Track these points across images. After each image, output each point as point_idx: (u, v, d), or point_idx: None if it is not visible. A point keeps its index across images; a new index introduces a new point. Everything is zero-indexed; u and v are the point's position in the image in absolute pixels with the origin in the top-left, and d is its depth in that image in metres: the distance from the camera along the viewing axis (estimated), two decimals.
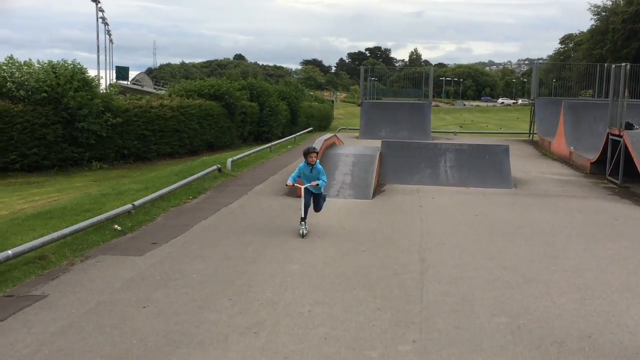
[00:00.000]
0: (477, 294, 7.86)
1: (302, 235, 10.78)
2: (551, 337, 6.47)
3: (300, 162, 11.51)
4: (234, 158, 20.78)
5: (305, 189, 11.10)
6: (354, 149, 20.66)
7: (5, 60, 27.40)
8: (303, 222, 10.95)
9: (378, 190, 16.30)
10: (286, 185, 11.65)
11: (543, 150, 28.77)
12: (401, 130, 31.71)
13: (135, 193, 15.16)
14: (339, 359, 5.87)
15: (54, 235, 9.76)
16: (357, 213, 13.40)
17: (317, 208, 11.61)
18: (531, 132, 35.70)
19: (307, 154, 11.21)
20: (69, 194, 19.48)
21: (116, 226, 11.34)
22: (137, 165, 28.93)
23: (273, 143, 27.87)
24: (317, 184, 11.03)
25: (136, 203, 12.72)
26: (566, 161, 23.78)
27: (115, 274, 8.60)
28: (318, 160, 11.36)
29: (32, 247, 9.09)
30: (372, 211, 13.64)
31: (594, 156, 20.51)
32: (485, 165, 17.98)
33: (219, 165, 18.95)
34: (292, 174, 11.44)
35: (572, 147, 23.73)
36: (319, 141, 18.85)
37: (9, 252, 8.60)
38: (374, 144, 21.21)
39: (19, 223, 12.09)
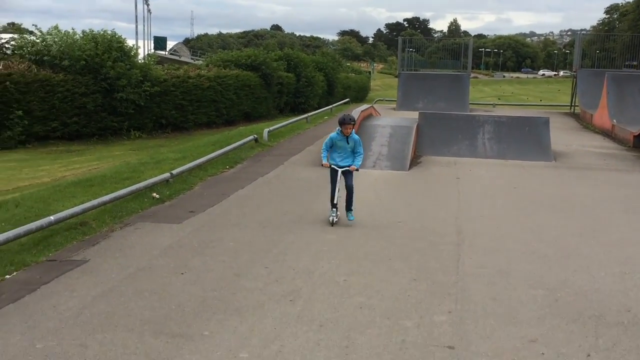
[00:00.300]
0: (514, 267, 7.81)
1: (332, 224, 9.56)
2: (589, 310, 6.41)
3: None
4: (271, 128, 20.83)
5: (335, 166, 9.74)
6: (391, 120, 20.56)
7: (51, 29, 27.76)
8: (334, 209, 9.64)
9: (415, 161, 16.21)
10: (322, 165, 9.92)
11: (584, 123, 28.25)
12: (439, 102, 31.42)
13: (173, 162, 15.33)
14: (374, 327, 5.91)
15: (95, 202, 9.94)
16: (394, 184, 13.37)
17: (349, 183, 9.77)
18: (572, 104, 35.05)
19: (343, 123, 9.60)
20: (109, 162, 19.77)
21: (154, 194, 11.49)
22: (174, 135, 29.20)
23: (309, 114, 27.84)
24: (357, 169, 9.72)
25: (174, 172, 12.87)
26: (608, 134, 23.32)
27: (154, 241, 8.74)
28: (354, 130, 9.83)
29: (73, 214, 9.28)
30: (409, 183, 13.59)
31: (637, 129, 20.07)
32: (524, 138, 17.73)
33: (255, 136, 19.03)
34: (323, 147, 9.96)
35: (614, 120, 23.24)
36: (356, 111, 18.78)
37: (52, 217, 8.79)
38: (411, 116, 21.06)
39: (61, 190, 12.33)
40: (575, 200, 11.89)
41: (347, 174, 9.76)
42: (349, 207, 9.77)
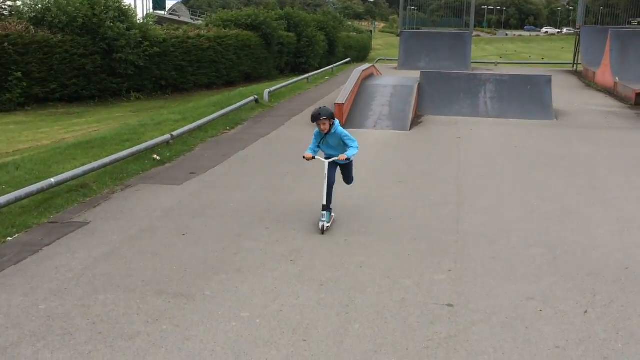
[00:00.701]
0: (513, 225, 7.84)
1: (323, 230, 7.54)
2: (587, 267, 6.45)
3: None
4: (271, 89, 20.72)
5: (330, 162, 7.86)
6: (392, 79, 20.43)
7: None
8: (325, 212, 7.61)
9: (416, 121, 16.15)
10: (304, 157, 7.87)
11: (587, 81, 28.04)
12: (441, 60, 31.15)
13: (173, 123, 15.29)
14: (374, 286, 5.96)
15: (95, 164, 9.95)
16: (394, 144, 13.35)
17: (348, 179, 8.29)
18: (575, 62, 34.73)
19: (315, 120, 7.72)
20: (109, 124, 19.72)
21: (155, 156, 11.50)
22: (174, 97, 29.05)
23: (310, 74, 27.67)
24: (347, 158, 7.74)
25: (174, 133, 12.85)
26: (611, 92, 23.15)
27: (155, 202, 8.77)
28: (337, 123, 7.84)
29: (74, 176, 9.29)
30: (410, 142, 13.57)
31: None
32: (526, 96, 17.62)
33: (256, 96, 18.94)
34: (311, 145, 8.03)
35: (617, 78, 23.05)
36: (357, 71, 18.65)
37: (52, 180, 8.81)
38: (413, 75, 20.91)
39: (61, 152, 12.33)
40: (576, 159, 11.87)
41: (344, 170, 8.09)
42: (329, 208, 7.84)
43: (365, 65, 22.14)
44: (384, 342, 4.89)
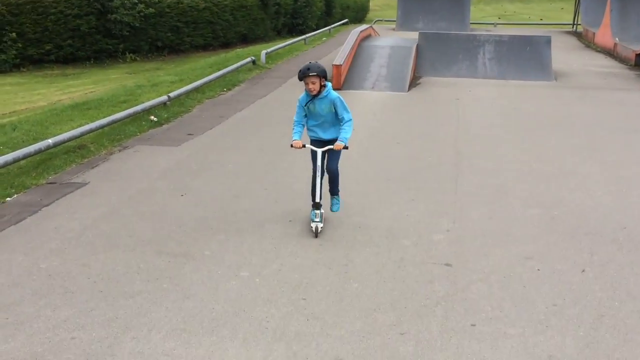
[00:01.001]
0: (511, 186, 7.85)
1: (316, 234, 6.28)
2: (585, 228, 6.49)
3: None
4: (268, 50, 20.54)
5: (323, 151, 6.43)
6: (390, 40, 20.26)
7: None
8: (316, 210, 6.33)
9: (414, 83, 16.06)
10: (292, 146, 6.48)
11: (586, 41, 27.83)
12: (439, 21, 30.83)
13: (170, 85, 15.19)
14: (373, 246, 5.99)
15: (92, 125, 9.91)
16: (392, 106, 13.29)
17: (334, 164, 6.54)
18: (575, 23, 34.41)
19: (302, 77, 6.23)
20: (105, 85, 19.60)
21: (152, 117, 11.45)
22: (170, 58, 28.82)
23: (307, 35, 27.39)
24: (345, 146, 6.31)
25: (171, 94, 12.78)
26: (610, 53, 22.99)
27: (153, 163, 8.76)
28: (330, 85, 6.36)
29: (71, 137, 9.26)
30: (408, 104, 13.51)
31: (639, 48, 19.80)
32: (525, 57, 17.50)
33: (253, 58, 18.79)
34: (295, 118, 6.57)
35: (617, 38, 22.86)
36: (354, 32, 18.48)
37: (50, 141, 8.79)
38: (411, 36, 20.73)
39: (58, 114, 12.27)
40: (575, 120, 11.85)
41: (331, 155, 6.47)
42: (333, 192, 6.67)
43: (363, 26, 21.92)
44: (383, 300, 4.93)
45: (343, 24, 39.12)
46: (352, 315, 4.69)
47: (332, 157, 6.49)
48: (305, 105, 6.36)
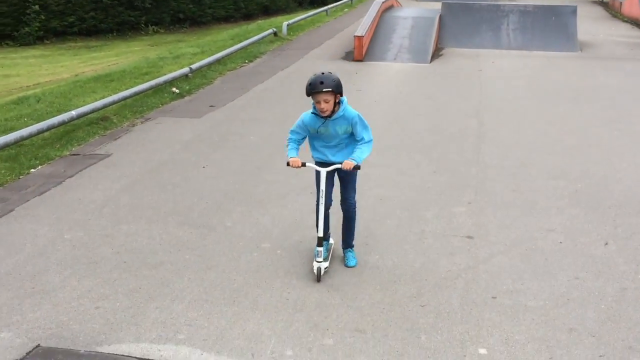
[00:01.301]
0: (535, 158, 7.76)
1: (318, 277, 4.87)
2: (610, 200, 6.40)
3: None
4: (290, 22, 20.40)
5: (329, 172, 4.99)
6: (413, 11, 20.03)
7: None
8: (320, 248, 4.89)
9: (436, 54, 15.88)
10: (288, 164, 5.01)
11: (613, 11, 27.27)
12: None
13: (192, 57, 15.17)
14: (394, 218, 5.97)
15: (115, 97, 9.94)
16: (415, 77, 13.17)
17: (349, 193, 5.16)
18: None
19: (313, 92, 4.75)
20: (127, 57, 19.64)
21: (174, 89, 11.46)
22: (192, 30, 28.78)
23: (329, 6, 27.15)
24: (357, 166, 4.87)
25: (193, 66, 12.77)
26: (637, 23, 22.51)
27: (175, 135, 8.78)
28: (346, 101, 4.90)
29: (94, 109, 9.31)
30: (430, 75, 13.37)
31: None
32: (550, 28, 17.23)
33: (274, 29, 18.69)
34: (291, 134, 5.11)
35: None
36: (376, 3, 18.26)
37: (73, 112, 8.84)
38: (434, 6, 20.47)
39: (81, 85, 12.32)
40: (600, 91, 11.66)
41: (345, 181, 5.10)
42: (347, 243, 5.26)
43: None
44: (403, 273, 4.92)
45: None
46: (372, 287, 4.69)
47: (346, 185, 5.11)
48: (310, 127, 4.95)
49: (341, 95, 4.83)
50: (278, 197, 6.50)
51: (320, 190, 4.94)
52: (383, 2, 18.85)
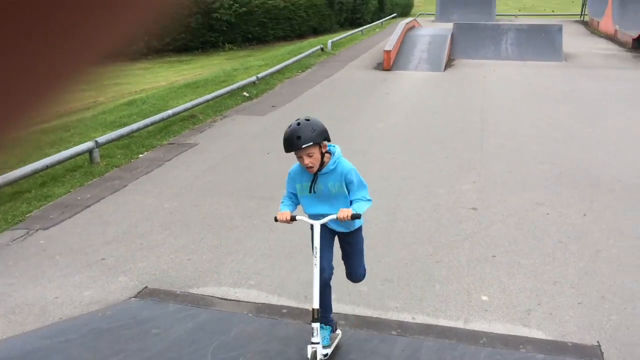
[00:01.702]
0: (527, 147, 7.59)
1: None
2: (587, 180, 6.23)
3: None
4: (333, 40, 20.24)
5: (322, 226, 3.28)
6: (430, 30, 19.65)
7: None
8: (317, 326, 3.08)
9: (449, 64, 15.56)
10: (276, 219, 3.31)
11: (592, 29, 26.25)
12: (470, 14, 29.63)
13: (258, 68, 15.18)
14: (415, 194, 5.93)
15: (200, 99, 10.04)
16: (431, 83, 12.95)
17: (356, 267, 3.46)
18: (582, 13, 32.47)
19: (290, 149, 3.22)
20: (209, 69, 19.77)
21: (245, 93, 11.51)
22: (258, 47, 28.77)
23: (364, 27, 26.84)
24: (357, 215, 3.14)
25: (259, 75, 12.79)
26: (612, 38, 21.62)
27: (246, 129, 8.84)
28: (339, 151, 3.38)
29: (185, 108, 9.42)
30: (443, 81, 13.13)
31: (636, 33, 18.55)
32: (540, 42, 16.69)
33: (321, 46, 18.57)
34: (284, 195, 3.57)
35: (617, 26, 21.47)
36: (400, 25, 17.95)
37: (169, 111, 8.97)
38: (447, 26, 20.03)
39: (175, 91, 12.48)
40: (581, 93, 11.28)
41: (348, 250, 3.49)
42: (325, 319, 3.37)
43: (409, 19, 21.28)
44: (422, 236, 4.90)
45: (392, 17, 38.09)
46: (397, 247, 4.68)
47: (350, 254, 3.43)
48: (299, 183, 3.36)
49: (328, 141, 3.25)
50: None
51: (314, 248, 3.22)
52: (407, 23, 18.55)
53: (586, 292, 3.92)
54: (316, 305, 3.11)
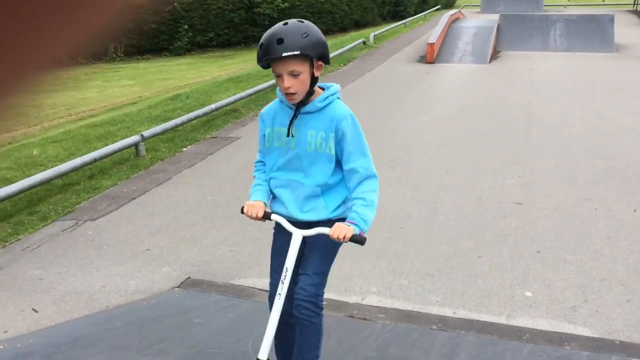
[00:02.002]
0: (576, 141, 7.37)
1: None
2: (638, 175, 6.00)
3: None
4: (376, 33, 20.09)
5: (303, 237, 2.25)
6: (475, 21, 19.27)
7: None
8: None
9: (494, 56, 15.24)
10: (242, 210, 2.31)
11: None
12: (517, 4, 28.89)
13: None
14: (457, 188, 5.85)
15: (243, 94, 10.17)
16: (476, 76, 12.71)
17: (301, 281, 2.28)
18: (636, 2, 31.17)
19: (265, 56, 2.04)
20: (251, 64, 19.93)
21: None
22: None
23: (407, 20, 26.54)
24: (355, 236, 2.07)
25: None
26: None
27: None
28: (335, 89, 2.35)
29: (228, 102, 9.56)
30: (488, 73, 12.87)
31: None
32: (591, 33, 16.15)
33: (363, 39, 18.46)
34: (258, 164, 2.49)
35: None
36: (445, 16, 17.67)
37: (213, 105, 9.12)
38: (493, 18, 19.60)
39: (218, 85, 12.66)
40: (633, 85, 10.86)
41: (311, 246, 2.32)
42: None
43: (453, 11, 20.94)
44: (464, 230, 4.83)
45: (436, 9, 37.57)
46: (439, 241, 4.64)
47: (311, 254, 2.38)
48: (270, 127, 2.38)
49: (326, 63, 2.25)
50: None
51: (285, 268, 2.24)
52: (451, 15, 18.27)
53: (635, 290, 3.79)
54: (263, 356, 2.08)
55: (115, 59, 23.65)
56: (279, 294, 2.21)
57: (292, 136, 2.23)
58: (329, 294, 3.88)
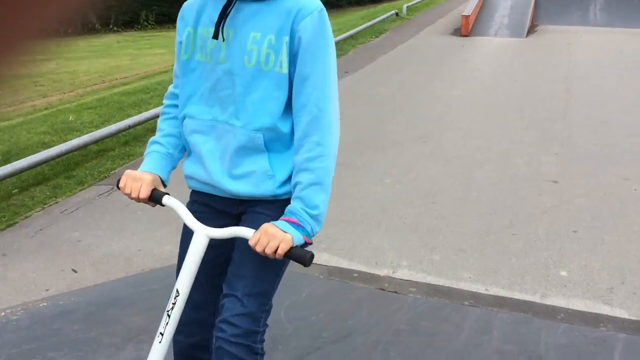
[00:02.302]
0: (615, 118, 7.15)
1: None
2: None
3: None
4: (409, 4, 19.65)
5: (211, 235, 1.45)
6: None
7: None
8: None
9: (532, 30, 14.80)
10: (117, 185, 1.63)
11: None
12: None
13: (333, 32, 15.04)
14: (491, 164, 5.75)
15: None
16: (512, 50, 12.38)
17: (229, 296, 1.43)
18: None
19: None
20: None
21: None
22: (332, 12, 28.49)
23: None
24: (294, 250, 1.38)
25: None
26: None
27: None
28: None
29: None
30: (525, 48, 12.53)
31: None
32: (633, 8, 15.55)
33: (396, 10, 18.10)
34: (168, 98, 1.57)
35: None
36: None
37: None
38: None
39: None
40: None
41: (239, 256, 1.53)
42: None
43: None
44: (498, 207, 4.76)
45: None
46: (472, 217, 4.58)
47: (240, 258, 1.58)
48: (197, 32, 1.46)
49: None
50: (397, 144, 6.41)
51: (174, 290, 1.65)
52: None
53: None
54: None
55: (147, 27, 23.74)
56: (160, 334, 1.34)
57: (223, 40, 1.39)
58: (359, 265, 3.89)
